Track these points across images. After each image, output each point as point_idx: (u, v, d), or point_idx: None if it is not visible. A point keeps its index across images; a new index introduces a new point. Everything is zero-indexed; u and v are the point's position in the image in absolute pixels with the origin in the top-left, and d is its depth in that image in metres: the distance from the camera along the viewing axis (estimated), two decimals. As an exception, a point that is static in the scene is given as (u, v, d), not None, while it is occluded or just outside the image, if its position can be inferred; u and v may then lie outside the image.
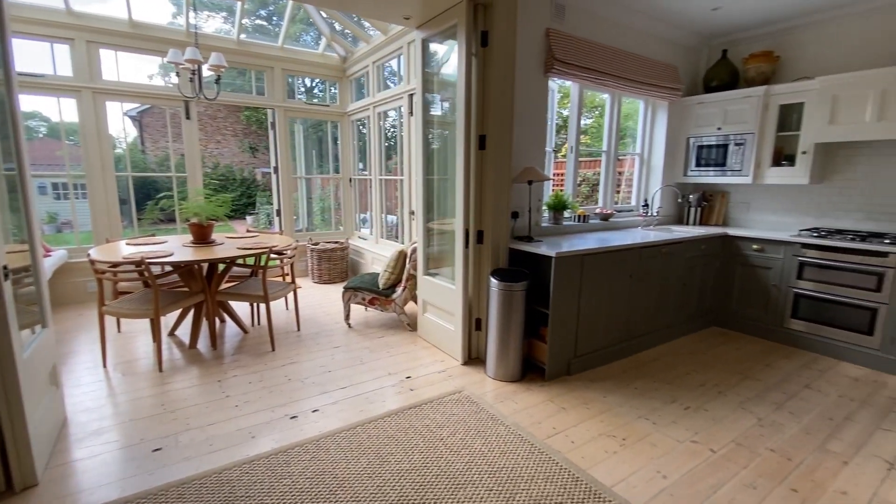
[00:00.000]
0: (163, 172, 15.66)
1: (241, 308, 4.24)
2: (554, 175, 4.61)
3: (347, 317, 3.89)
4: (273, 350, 3.35)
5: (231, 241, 3.77)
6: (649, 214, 4.28)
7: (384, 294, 3.70)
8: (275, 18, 7.14)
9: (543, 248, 2.86)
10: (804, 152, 3.63)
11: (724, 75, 4.21)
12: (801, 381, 2.98)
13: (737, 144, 4.02)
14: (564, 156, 4.11)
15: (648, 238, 3.42)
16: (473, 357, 3.19)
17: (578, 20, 3.45)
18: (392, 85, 4.91)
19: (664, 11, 3.74)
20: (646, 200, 4.43)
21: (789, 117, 3.77)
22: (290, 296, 4.18)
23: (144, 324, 3.86)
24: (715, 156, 4.19)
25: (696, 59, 4.49)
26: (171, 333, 3.67)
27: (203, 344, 3.45)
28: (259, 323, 3.96)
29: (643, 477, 1.97)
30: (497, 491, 1.85)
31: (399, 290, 3.70)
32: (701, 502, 1.83)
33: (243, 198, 17.08)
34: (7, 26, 1.97)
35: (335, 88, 5.91)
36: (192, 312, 3.52)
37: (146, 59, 4.13)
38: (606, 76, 3.61)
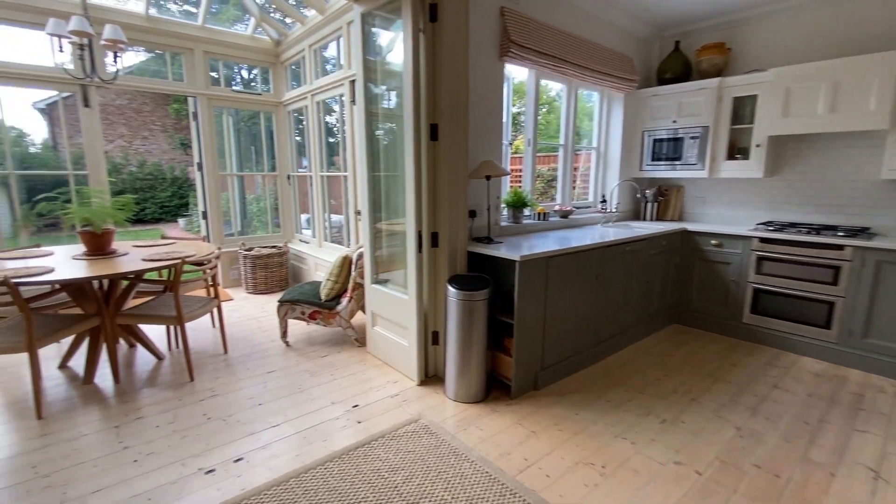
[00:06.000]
0: (64, 171, 13.96)
1: (157, 328, 3.61)
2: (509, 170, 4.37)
3: (284, 334, 3.40)
4: (191, 380, 2.81)
5: (139, 250, 3.16)
6: (608, 210, 4.12)
7: (327, 307, 3.26)
8: (196, -3, 6.39)
9: (504, 251, 2.56)
10: (758, 145, 3.58)
11: (677, 67, 4.12)
12: (768, 380, 2.89)
13: (692, 138, 3.94)
14: (516, 151, 3.86)
15: (608, 235, 3.22)
16: (431, 375, 2.84)
17: (533, 1, 3.18)
18: (332, 70, 4.43)
19: (620, -3, 3.56)
20: (604, 196, 4.28)
21: (743, 110, 3.72)
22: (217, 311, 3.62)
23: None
24: (671, 149, 4.09)
25: (650, 50, 4.38)
26: (63, 366, 3.02)
27: (104, 377, 2.85)
28: (178, 346, 3.38)
29: (631, 516, 1.72)
30: (465, 555, 1.51)
31: (344, 301, 3.27)
32: (699, 545, 1.59)
33: (175, 199, 15.67)
34: None
35: (269, 76, 5.32)
36: (88, 339, 2.90)
37: (33, 34, 3.40)
38: (565, 63, 3.37)
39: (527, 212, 3.52)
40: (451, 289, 2.50)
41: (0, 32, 3.76)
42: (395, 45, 2.97)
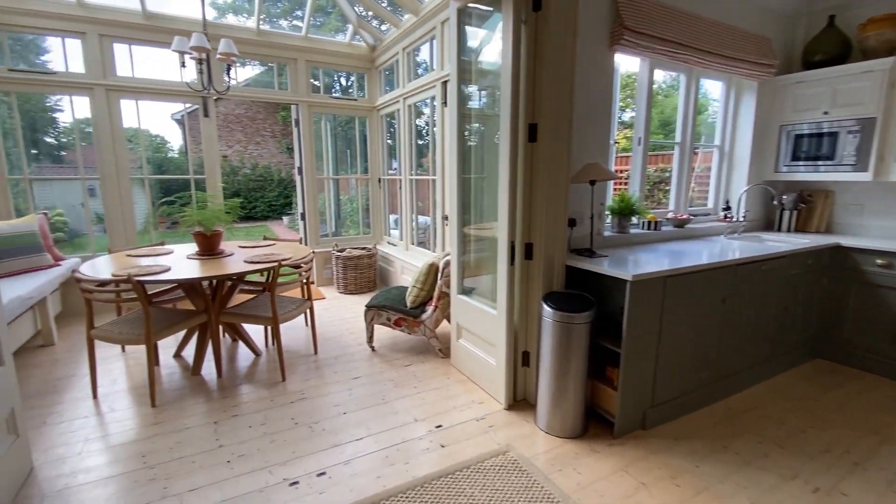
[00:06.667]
0: (188, 175, 15.88)
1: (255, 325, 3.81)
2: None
3: (371, 339, 3.39)
4: (283, 380, 2.89)
5: (243, 251, 3.35)
6: (734, 219, 3.52)
7: (412, 314, 3.17)
8: (298, 11, 6.78)
9: (609, 266, 2.23)
10: (951, 140, 2.79)
11: (830, 47, 3.39)
12: (967, 448, 2.21)
13: (850, 132, 3.21)
14: (620, 150, 3.44)
15: (734, 250, 2.72)
16: (520, 399, 2.60)
17: (652, -21, 2.78)
18: (423, 74, 4.38)
19: (760, -34, 2.99)
20: (727, 202, 3.68)
21: (928, 95, 2.94)
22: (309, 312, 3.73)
23: (152, 341, 3.51)
24: (818, 147, 3.38)
25: (793, 28, 3.67)
26: (177, 355, 3.29)
27: (209, 369, 3.04)
28: (274, 344, 3.52)
29: None
30: None
31: (429, 309, 3.16)
32: None
33: (280, 198, 17.14)
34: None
35: (364, 82, 5.45)
36: (197, 333, 3.12)
37: (164, 53, 3.77)
38: (686, 49, 2.92)
39: (634, 220, 3.12)
40: (546, 308, 2.24)
41: (139, 53, 4.27)
42: (491, 41, 2.79)
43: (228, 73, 3.54)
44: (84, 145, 4.41)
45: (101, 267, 2.83)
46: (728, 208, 3.62)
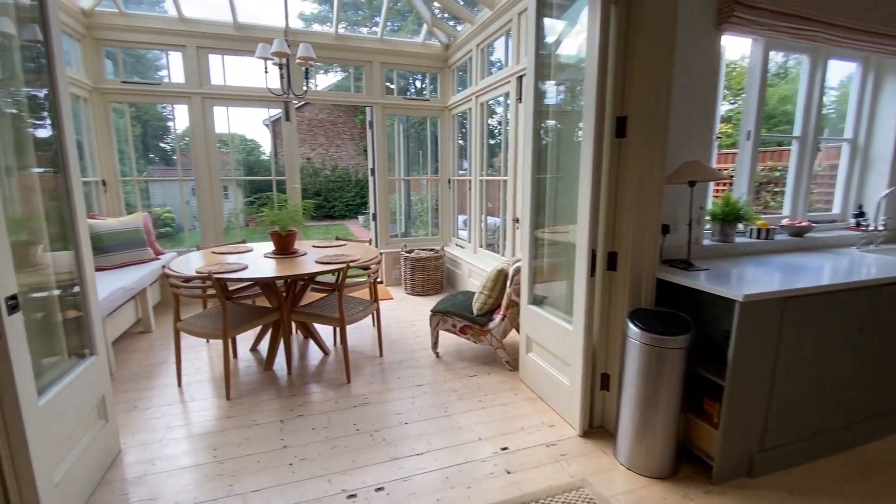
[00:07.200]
0: (270, 177, 17.01)
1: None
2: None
3: (435, 344, 3.28)
4: (348, 382, 2.87)
5: (316, 250, 3.41)
6: (869, 228, 2.92)
7: (478, 322, 3.01)
8: (377, 18, 6.91)
9: (709, 281, 1.90)
10: None
11: None
12: None
13: None
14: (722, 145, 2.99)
15: (868, 264, 2.22)
16: (597, 426, 2.33)
17: (773, -56, 2.35)
18: (496, 71, 4.20)
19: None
20: (860, 207, 3.07)
21: None
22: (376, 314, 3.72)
23: (233, 334, 3.70)
24: None
25: (959, -7, 2.96)
26: (254, 348, 3.44)
27: (280, 364, 3.12)
28: (341, 344, 3.55)
29: None
30: None
31: (497, 318, 2.98)
32: None
33: (357, 198, 17.88)
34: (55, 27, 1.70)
35: (437, 82, 5.39)
36: (270, 330, 3.22)
37: (251, 61, 3.97)
38: (813, 25, 2.44)
39: (739, 227, 2.69)
40: (632, 327, 1.97)
41: (230, 62, 4.56)
42: (572, 32, 2.55)
43: (307, 78, 3.63)
44: (187, 151, 4.81)
45: (193, 263, 3.01)
46: (861, 214, 3.02)
